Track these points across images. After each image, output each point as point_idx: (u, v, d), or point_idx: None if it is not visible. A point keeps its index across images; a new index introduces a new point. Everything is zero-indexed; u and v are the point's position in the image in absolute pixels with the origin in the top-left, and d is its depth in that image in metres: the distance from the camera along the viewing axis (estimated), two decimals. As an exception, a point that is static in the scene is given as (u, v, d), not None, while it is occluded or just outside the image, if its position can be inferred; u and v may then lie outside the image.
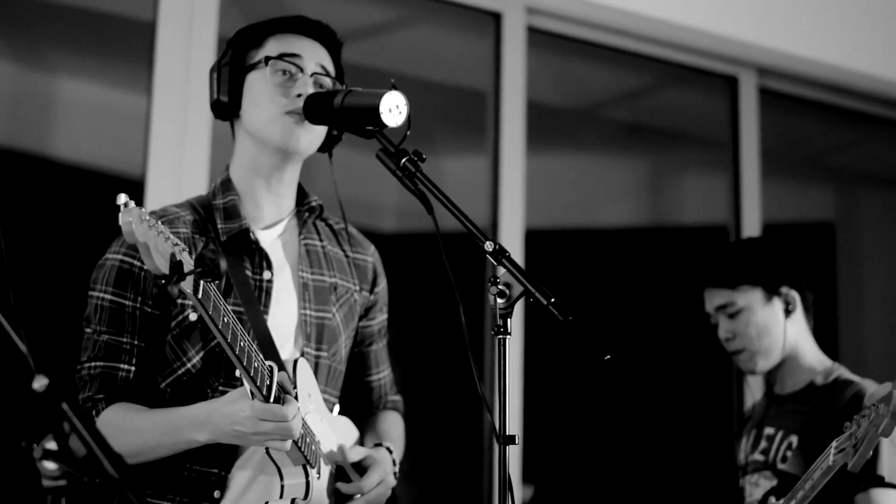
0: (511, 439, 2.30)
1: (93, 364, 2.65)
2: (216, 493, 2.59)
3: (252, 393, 2.41)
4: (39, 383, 1.70)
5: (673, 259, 5.39)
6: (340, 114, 2.60)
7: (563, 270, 5.26)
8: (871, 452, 2.80)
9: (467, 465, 4.83)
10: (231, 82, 2.77)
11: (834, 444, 2.85)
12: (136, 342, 2.64)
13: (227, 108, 2.79)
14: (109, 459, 1.69)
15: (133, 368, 2.64)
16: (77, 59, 4.44)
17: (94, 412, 2.61)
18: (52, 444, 1.71)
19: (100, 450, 1.69)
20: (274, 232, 2.81)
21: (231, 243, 2.71)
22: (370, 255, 3.00)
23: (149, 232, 2.18)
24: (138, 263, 2.63)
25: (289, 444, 2.49)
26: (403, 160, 2.48)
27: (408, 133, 2.54)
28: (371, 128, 2.53)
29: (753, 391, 4.21)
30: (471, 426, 4.81)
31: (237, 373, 2.39)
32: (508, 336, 2.35)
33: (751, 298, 3.38)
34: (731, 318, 3.40)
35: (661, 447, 5.31)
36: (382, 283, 3.02)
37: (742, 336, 3.39)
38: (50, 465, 1.71)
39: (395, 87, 2.54)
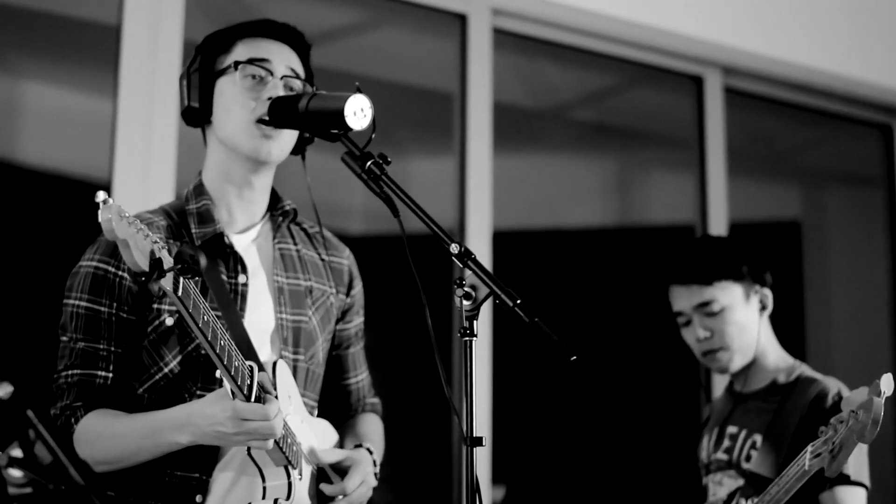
0: (478, 441, 2.30)
1: (70, 372, 2.64)
2: (198, 498, 2.58)
3: (233, 393, 2.39)
4: (4, 391, 1.69)
5: (640, 259, 5.40)
6: (305, 117, 2.60)
7: (531, 271, 5.27)
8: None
9: (438, 467, 4.84)
10: (201, 88, 2.76)
11: (810, 448, 2.83)
12: (112, 348, 2.63)
13: (198, 114, 2.77)
14: (75, 466, 1.69)
15: (111, 375, 2.63)
16: (42, 64, 4.42)
17: (72, 420, 2.60)
18: (17, 452, 1.71)
19: (65, 457, 1.69)
20: (248, 236, 2.80)
21: (205, 248, 2.69)
22: (346, 258, 3.00)
23: (128, 229, 2.17)
24: (112, 270, 2.63)
25: (271, 443, 2.48)
26: (368, 163, 2.48)
27: (373, 136, 2.55)
28: (336, 131, 2.54)
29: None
30: (441, 428, 4.81)
31: (217, 373, 2.38)
32: (475, 338, 2.35)
33: (732, 296, 3.34)
34: (710, 317, 3.34)
35: (629, 446, 5.33)
36: (358, 286, 3.01)
37: (721, 334, 3.33)
38: (16, 473, 1.71)
39: (359, 91, 2.54)
